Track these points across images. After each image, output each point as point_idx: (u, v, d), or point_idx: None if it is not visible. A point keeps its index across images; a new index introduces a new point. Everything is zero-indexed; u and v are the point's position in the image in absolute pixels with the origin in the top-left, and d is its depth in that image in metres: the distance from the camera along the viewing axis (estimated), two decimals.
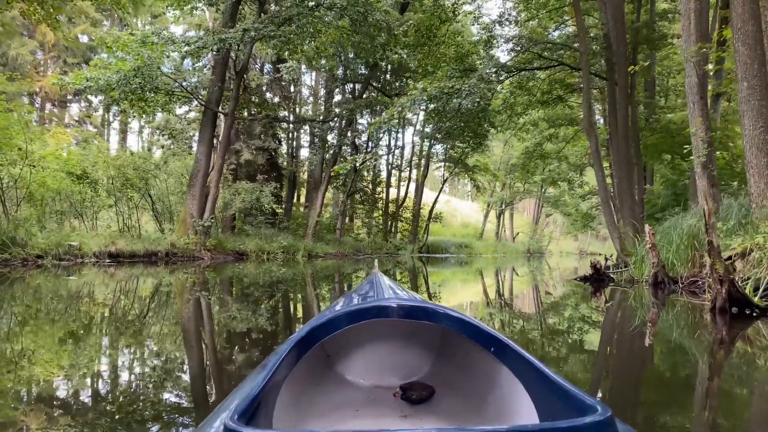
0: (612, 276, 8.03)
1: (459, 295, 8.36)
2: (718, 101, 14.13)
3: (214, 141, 18.18)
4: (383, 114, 11.01)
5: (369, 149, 26.85)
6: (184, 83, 15.41)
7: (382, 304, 1.59)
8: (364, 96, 22.03)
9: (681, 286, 6.77)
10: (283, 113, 25.16)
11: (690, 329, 4.82)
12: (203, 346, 3.80)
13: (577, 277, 8.46)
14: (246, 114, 19.12)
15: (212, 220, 16.62)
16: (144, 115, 17.07)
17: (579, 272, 19.97)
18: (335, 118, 21.83)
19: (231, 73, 17.47)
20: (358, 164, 10.29)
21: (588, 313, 6.09)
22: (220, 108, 17.24)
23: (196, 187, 16.55)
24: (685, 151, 10.22)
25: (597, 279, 8.00)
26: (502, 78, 14.71)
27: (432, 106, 11.93)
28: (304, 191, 32.14)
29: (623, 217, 11.81)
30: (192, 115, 22.32)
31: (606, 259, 8.10)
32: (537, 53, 14.87)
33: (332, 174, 11.06)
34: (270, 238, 20.35)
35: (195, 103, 18.27)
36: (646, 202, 15.37)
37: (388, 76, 26.04)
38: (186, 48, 13.97)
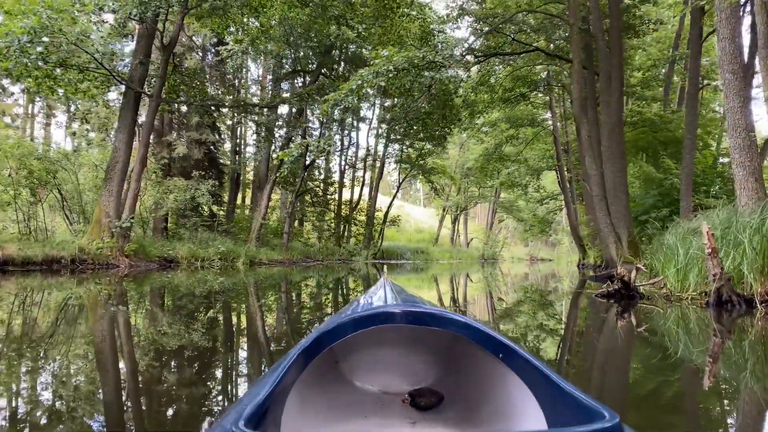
0: (641, 292, 6.19)
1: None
2: None
3: (138, 128, 15.56)
4: (339, 90, 8.99)
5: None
6: (97, 55, 12.76)
7: (390, 310, 1.59)
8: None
9: (761, 305, 4.96)
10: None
11: None
12: None
13: (598, 294, 6.57)
14: (177, 97, 16.48)
15: (132, 221, 14.00)
16: (51, 94, 14.28)
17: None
18: (282, 104, 19.47)
19: (159, 48, 14.91)
20: (310, 149, 8.31)
21: (614, 344, 4.22)
22: (144, 88, 14.67)
23: (114, 182, 13.90)
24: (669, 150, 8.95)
25: (625, 295, 6.16)
26: (472, 62, 12.90)
27: (395, 84, 9.95)
28: (250, 193, 29.49)
29: (616, 218, 10.19)
30: (113, 97, 19.35)
31: (636, 270, 6.27)
32: (510, 35, 13.19)
33: (277, 160, 9.03)
34: (206, 243, 17.81)
35: (123, 88, 15.52)
36: None
37: (341, 67, 23.89)
38: (101, 5, 11.44)
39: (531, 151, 33.66)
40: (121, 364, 3.36)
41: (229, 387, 2.85)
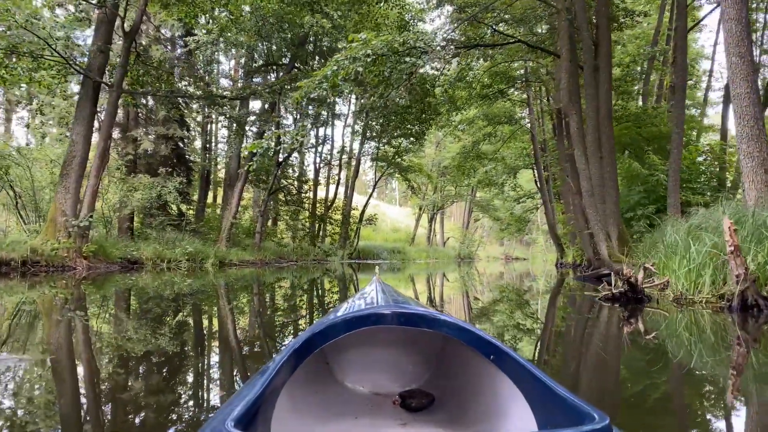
0: (648, 294, 5.64)
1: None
2: None
3: (98, 121, 14.57)
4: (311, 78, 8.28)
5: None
6: (50, 41, 11.78)
7: (381, 312, 1.58)
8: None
9: None
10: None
11: None
12: None
13: (601, 296, 5.99)
14: (140, 89, 15.49)
15: (90, 220, 13.03)
16: (3, 84, 13.22)
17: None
18: (253, 96, 18.57)
19: (120, 35, 13.94)
20: (283, 141, 7.62)
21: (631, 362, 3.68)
22: (104, 79, 13.70)
23: (71, 178, 12.92)
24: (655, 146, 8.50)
25: (632, 298, 5.60)
26: (453, 52, 12.33)
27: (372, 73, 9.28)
28: (221, 191, 28.44)
29: (605, 215, 9.72)
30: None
31: (644, 270, 5.69)
32: (491, 25, 12.65)
33: (245, 153, 8.32)
34: (173, 244, 16.87)
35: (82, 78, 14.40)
36: None
37: (315, 61, 23.08)
38: None
39: (508, 150, 33.41)
40: (82, 372, 3.10)
41: (195, 396, 2.62)
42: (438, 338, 1.78)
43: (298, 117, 21.68)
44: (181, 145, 22.21)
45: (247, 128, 20.41)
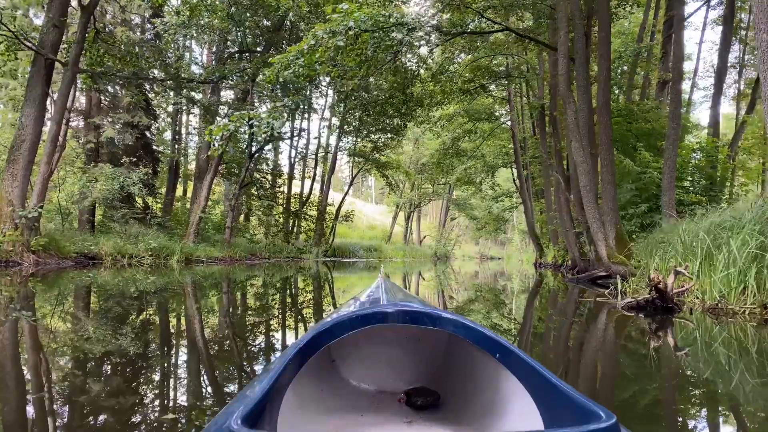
0: (677, 302, 4.86)
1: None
2: None
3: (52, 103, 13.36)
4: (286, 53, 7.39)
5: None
6: None
7: (387, 310, 1.57)
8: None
9: None
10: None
11: None
12: None
13: (625, 305, 5.18)
14: (100, 69, 14.29)
15: (40, 210, 11.89)
16: None
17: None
18: (224, 80, 17.48)
19: (77, 9, 12.78)
20: (255, 123, 6.67)
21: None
22: (59, 57, 12.53)
23: (19, 164, 11.75)
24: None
25: (660, 307, 4.84)
26: (439, 41, 11.57)
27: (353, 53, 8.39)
28: (192, 185, 27.12)
29: (604, 214, 9.06)
30: None
31: (676, 274, 4.91)
32: (479, 12, 11.90)
33: (207, 136, 7.41)
34: (136, 238, 15.74)
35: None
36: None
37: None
38: None
39: (487, 148, 32.89)
40: (28, 375, 2.87)
41: (140, 407, 2.34)
42: (443, 336, 1.80)
43: (273, 104, 20.66)
44: (148, 134, 21.01)
45: (218, 118, 19.31)
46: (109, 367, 2.98)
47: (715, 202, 12.25)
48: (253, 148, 20.22)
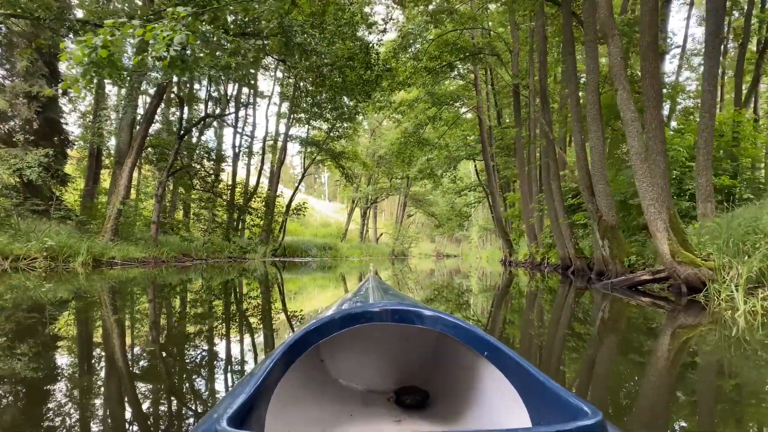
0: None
1: None
2: None
3: None
4: None
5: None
6: None
7: (376, 309, 1.55)
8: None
9: None
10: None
11: None
12: None
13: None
14: None
15: None
16: None
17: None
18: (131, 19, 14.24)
19: None
20: (151, 42, 4.09)
21: None
22: None
23: None
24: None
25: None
26: None
27: None
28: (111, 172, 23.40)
29: (655, 196, 6.69)
30: None
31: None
32: None
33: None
34: (27, 236, 12.39)
35: None
36: None
37: None
38: None
39: (450, 138, 30.69)
40: None
41: None
42: (432, 335, 1.79)
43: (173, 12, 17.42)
44: (57, 111, 17.44)
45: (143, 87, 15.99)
46: None
47: (752, 187, 10.18)
48: (184, 126, 17.00)
